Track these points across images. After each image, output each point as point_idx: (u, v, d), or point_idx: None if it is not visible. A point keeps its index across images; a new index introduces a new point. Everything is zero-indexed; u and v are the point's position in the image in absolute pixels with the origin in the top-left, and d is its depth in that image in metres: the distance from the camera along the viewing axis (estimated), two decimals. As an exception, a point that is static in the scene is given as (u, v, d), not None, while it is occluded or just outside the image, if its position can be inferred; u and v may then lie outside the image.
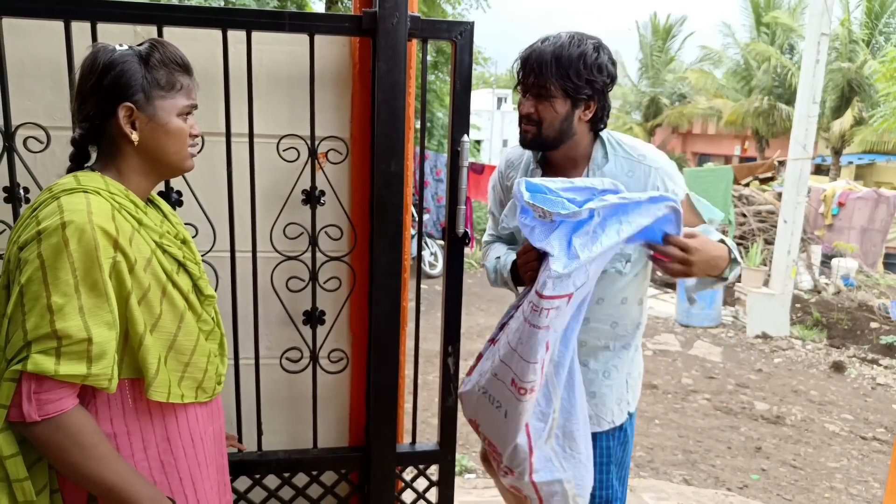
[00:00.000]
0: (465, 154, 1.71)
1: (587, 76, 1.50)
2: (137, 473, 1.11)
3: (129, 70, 1.11)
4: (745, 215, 8.52)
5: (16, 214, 1.57)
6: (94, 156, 1.20)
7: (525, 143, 1.62)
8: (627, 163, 1.59)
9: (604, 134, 1.64)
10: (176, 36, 1.57)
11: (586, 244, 1.36)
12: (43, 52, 1.58)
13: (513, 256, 1.70)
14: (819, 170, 18.50)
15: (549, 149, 1.62)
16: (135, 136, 1.13)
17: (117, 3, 1.55)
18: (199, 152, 1.27)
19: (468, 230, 1.77)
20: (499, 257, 1.78)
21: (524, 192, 1.36)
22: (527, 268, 1.53)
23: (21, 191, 1.57)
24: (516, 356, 1.48)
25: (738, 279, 7.26)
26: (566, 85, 1.50)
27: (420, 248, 1.92)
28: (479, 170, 7.99)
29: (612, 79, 1.56)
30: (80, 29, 1.52)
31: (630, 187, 1.55)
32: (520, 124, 1.61)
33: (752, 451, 3.95)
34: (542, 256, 1.44)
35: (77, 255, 1.02)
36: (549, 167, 1.71)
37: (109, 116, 1.12)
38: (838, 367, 5.63)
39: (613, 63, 1.56)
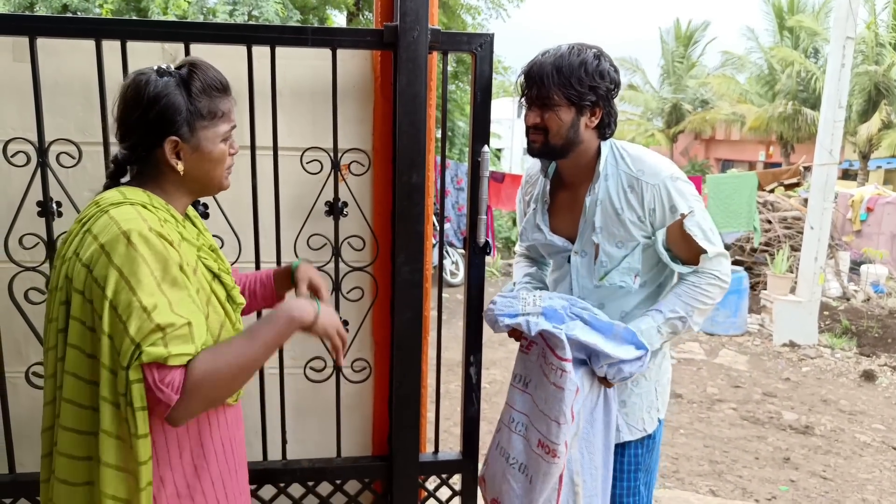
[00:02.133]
0: (486, 164, 1.72)
1: (589, 83, 1.52)
2: (260, 323, 1.17)
3: (173, 104, 1.13)
4: (770, 222, 8.39)
5: (49, 228, 1.61)
6: (132, 171, 1.23)
7: (534, 152, 1.63)
8: (627, 177, 1.59)
9: (610, 145, 1.63)
10: (202, 52, 1.61)
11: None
12: (75, 70, 1.63)
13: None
14: (846, 174, 18.16)
15: (558, 157, 1.64)
16: (180, 167, 1.16)
17: (146, 22, 1.60)
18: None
19: (489, 240, 1.78)
20: (514, 284, 1.87)
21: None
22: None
23: (54, 205, 1.62)
24: (543, 416, 1.57)
25: (764, 286, 7.15)
26: (569, 93, 1.52)
27: (441, 258, 1.93)
28: (500, 178, 7.98)
29: (616, 84, 1.58)
30: (110, 47, 1.57)
31: (631, 201, 1.59)
32: (527, 135, 1.63)
33: (781, 461, 3.88)
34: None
35: (150, 258, 1.05)
36: (559, 182, 1.73)
37: (154, 147, 1.15)
38: (869, 376, 5.50)
39: (616, 69, 1.58)
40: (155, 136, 1.14)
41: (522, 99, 1.62)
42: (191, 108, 1.15)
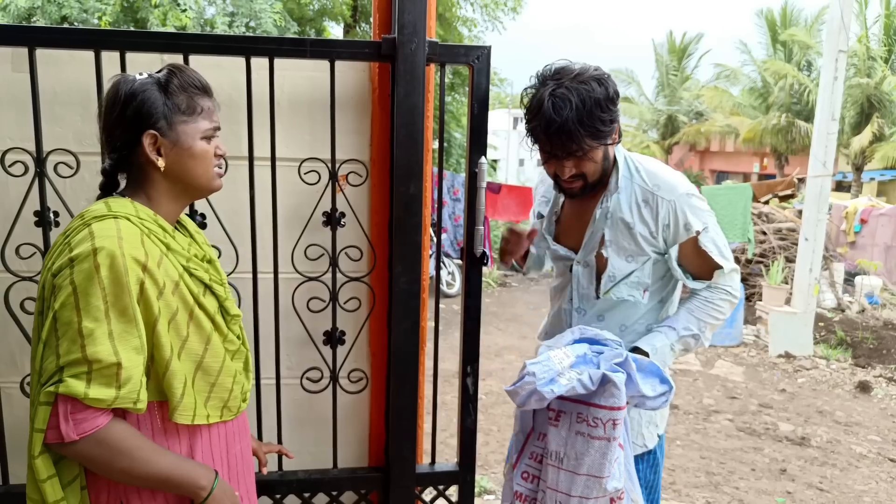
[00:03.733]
0: (483, 175, 1.73)
1: (609, 116, 1.50)
2: (184, 458, 1.16)
3: (149, 98, 1.14)
4: (765, 233, 8.42)
5: (46, 238, 1.61)
6: (123, 183, 1.23)
7: (574, 195, 1.62)
8: (642, 192, 1.58)
9: (624, 156, 1.62)
10: (201, 64, 1.62)
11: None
12: (73, 80, 1.63)
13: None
14: (840, 186, 18.28)
15: (597, 187, 1.62)
16: (161, 163, 1.16)
17: (145, 34, 1.61)
18: (223, 174, 1.30)
19: (486, 250, 1.79)
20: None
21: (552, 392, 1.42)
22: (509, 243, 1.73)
23: (51, 215, 1.62)
24: (596, 479, 1.46)
25: (759, 297, 7.16)
26: (599, 136, 1.49)
27: (438, 268, 1.93)
28: (496, 189, 8.01)
29: (619, 95, 1.57)
30: (109, 58, 1.58)
31: (644, 216, 1.57)
32: (559, 183, 1.60)
33: (777, 473, 3.87)
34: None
35: (108, 281, 1.05)
36: (566, 198, 1.73)
37: (136, 145, 1.15)
38: (864, 388, 5.51)
39: (610, 76, 1.55)
40: (134, 132, 1.14)
41: (547, 156, 1.57)
42: (168, 103, 1.16)
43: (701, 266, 1.60)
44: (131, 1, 7.94)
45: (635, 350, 1.58)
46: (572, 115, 1.44)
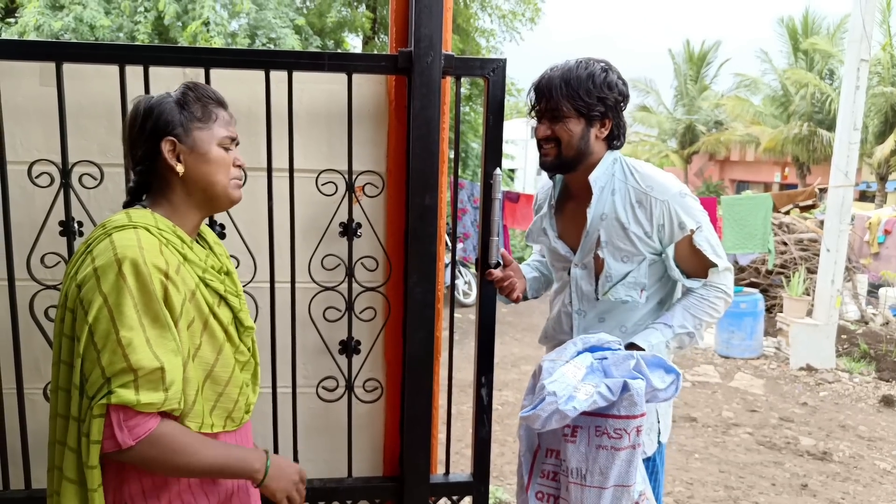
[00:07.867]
0: (497, 186, 1.74)
1: (598, 94, 1.56)
2: (232, 445, 1.22)
3: (166, 109, 1.20)
4: (786, 243, 8.32)
5: (70, 248, 1.65)
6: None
7: (545, 165, 1.66)
8: (636, 193, 1.61)
9: (614, 159, 1.65)
10: (223, 77, 1.65)
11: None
12: (98, 94, 1.68)
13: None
14: (864, 196, 18.01)
15: (569, 170, 1.65)
16: (179, 168, 1.20)
17: (167, 48, 1.64)
18: (242, 186, 1.32)
19: (501, 261, 1.79)
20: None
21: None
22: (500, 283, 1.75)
23: (75, 225, 1.65)
24: (625, 489, 1.45)
25: (780, 309, 7.07)
26: (577, 104, 1.56)
27: (453, 277, 1.94)
28: (515, 198, 7.99)
29: (624, 96, 1.62)
30: (134, 72, 1.61)
31: (639, 216, 1.60)
32: (539, 148, 1.66)
33: (798, 488, 3.81)
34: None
35: (135, 290, 1.08)
36: (568, 192, 1.75)
37: (156, 155, 1.19)
38: (888, 402, 5.40)
39: (624, 82, 1.62)
40: (154, 142, 1.19)
41: (532, 113, 1.66)
42: (184, 112, 1.20)
43: (696, 265, 1.63)
44: (164, 22, 8.11)
45: (630, 346, 1.59)
46: (558, 74, 1.57)
